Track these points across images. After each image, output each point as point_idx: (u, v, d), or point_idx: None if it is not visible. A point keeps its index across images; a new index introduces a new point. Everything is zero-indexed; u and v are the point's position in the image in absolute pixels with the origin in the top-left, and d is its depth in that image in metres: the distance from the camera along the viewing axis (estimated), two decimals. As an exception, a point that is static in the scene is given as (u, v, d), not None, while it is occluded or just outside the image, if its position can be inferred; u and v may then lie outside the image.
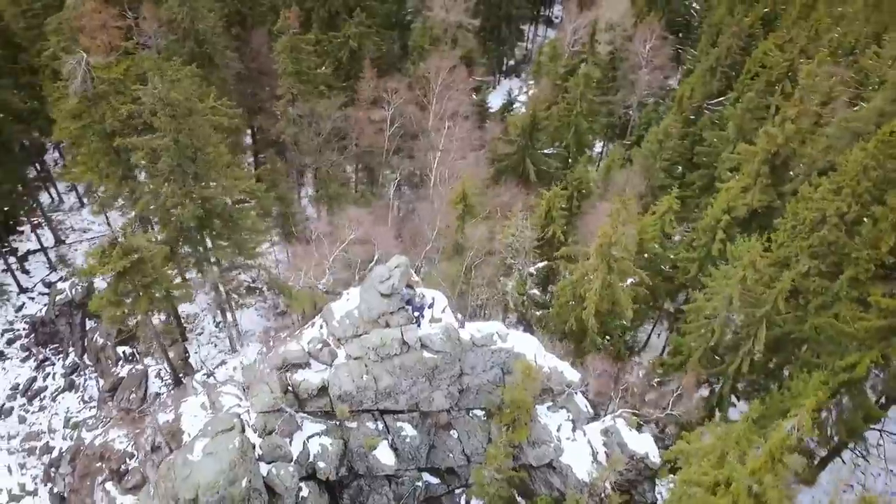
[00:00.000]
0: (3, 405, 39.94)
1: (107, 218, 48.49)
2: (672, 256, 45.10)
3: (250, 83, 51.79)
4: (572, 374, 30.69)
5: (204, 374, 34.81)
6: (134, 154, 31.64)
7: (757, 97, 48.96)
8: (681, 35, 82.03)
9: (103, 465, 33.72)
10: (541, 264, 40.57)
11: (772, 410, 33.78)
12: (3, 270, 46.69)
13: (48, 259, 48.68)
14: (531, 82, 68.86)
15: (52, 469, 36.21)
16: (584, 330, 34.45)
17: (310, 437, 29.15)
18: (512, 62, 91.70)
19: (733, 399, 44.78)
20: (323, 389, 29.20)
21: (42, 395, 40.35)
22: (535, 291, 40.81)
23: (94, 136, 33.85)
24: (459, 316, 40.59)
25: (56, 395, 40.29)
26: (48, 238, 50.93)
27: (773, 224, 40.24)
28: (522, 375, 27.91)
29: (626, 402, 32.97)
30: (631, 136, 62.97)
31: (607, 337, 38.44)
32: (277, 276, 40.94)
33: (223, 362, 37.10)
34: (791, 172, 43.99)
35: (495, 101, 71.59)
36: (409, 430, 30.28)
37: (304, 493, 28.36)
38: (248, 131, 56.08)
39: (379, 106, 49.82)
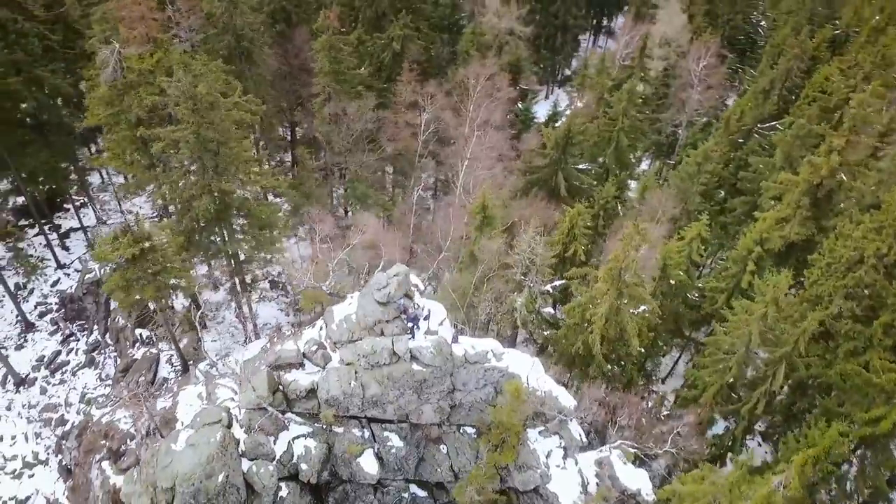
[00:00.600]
0: (27, 375, 41.82)
1: (155, 204, 49.89)
2: (700, 285, 43.32)
3: (291, 80, 52.51)
4: (567, 401, 29.66)
5: (207, 364, 35.42)
6: (155, 144, 32.25)
7: (809, 123, 46.43)
8: (747, 54, 79.05)
9: (106, 444, 34.72)
10: (558, 283, 39.53)
11: (785, 457, 31.90)
12: (44, 245, 48.84)
13: (87, 238, 50.64)
14: (575, 94, 67.30)
15: (63, 441, 37.62)
16: (592, 354, 33.30)
17: (295, 438, 29.15)
18: (567, 72, 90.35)
19: (757, 440, 43.00)
20: (312, 392, 29.18)
21: (64, 369, 42.03)
22: (550, 310, 39.82)
23: (123, 125, 34.88)
24: (461, 329, 40.20)
25: (76, 371, 41.89)
26: (90, 218, 53.03)
27: (811, 260, 38.13)
28: (511, 397, 27.16)
29: (624, 433, 31.67)
30: (677, 155, 60.92)
31: (620, 363, 37.16)
32: (293, 273, 41.28)
33: (227, 354, 37.64)
34: (840, 205, 41.66)
35: (542, 110, 70.55)
36: (395, 440, 29.91)
37: (284, 492, 28.38)
38: (288, 128, 56.85)
39: (415, 110, 49.77)
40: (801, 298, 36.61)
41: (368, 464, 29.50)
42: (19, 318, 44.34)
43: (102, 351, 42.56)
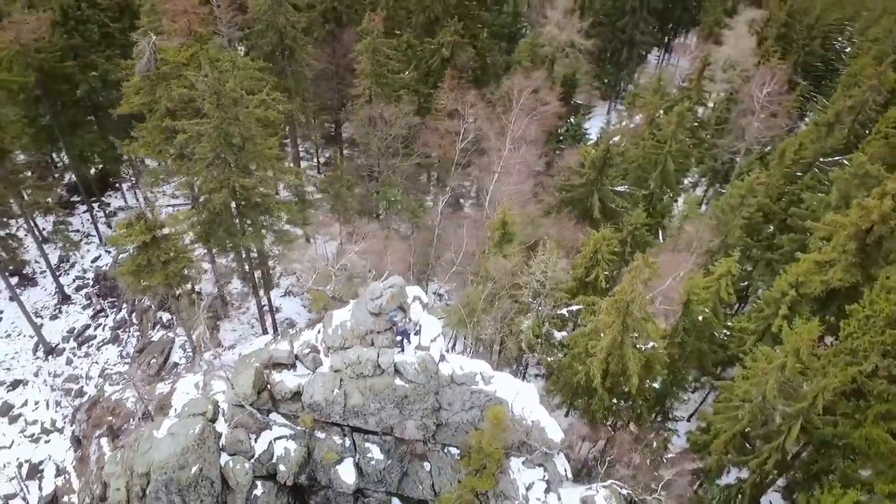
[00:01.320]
0: (57, 345, 43.91)
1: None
2: (730, 324, 41.01)
3: (338, 80, 53.04)
4: (555, 434, 28.48)
5: (212, 355, 36.11)
6: (179, 135, 33.09)
7: (870, 162, 43.18)
8: (823, 83, 74.61)
9: (112, 420, 35.94)
10: (574, 308, 38.19)
11: (794, 522, 29.75)
12: (90, 222, 51.20)
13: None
14: (625, 113, 65.19)
15: (77, 413, 39.22)
16: (593, 387, 31.97)
17: (277, 438, 29.22)
18: (632, 87, 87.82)
19: (777, 496, 40.30)
20: (297, 394, 29.17)
21: (90, 343, 43.88)
22: (564, 334, 38.53)
23: (155, 114, 35.98)
24: (465, 346, 39.44)
25: (101, 346, 43.65)
26: (139, 199, 55.21)
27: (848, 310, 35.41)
28: (492, 424, 26.28)
29: (619, 473, 30.17)
30: (730, 184, 58.00)
31: (627, 398, 35.58)
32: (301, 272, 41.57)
33: (232, 346, 38.28)
34: (892, 255, 38.54)
35: (596, 126, 68.83)
36: (376, 452, 29.55)
37: (259, 491, 28.49)
38: (333, 127, 57.48)
39: (455, 118, 49.29)
40: (833, 351, 34.08)
41: (346, 473, 29.27)
42: (57, 290, 46.60)
43: (127, 329, 44.20)
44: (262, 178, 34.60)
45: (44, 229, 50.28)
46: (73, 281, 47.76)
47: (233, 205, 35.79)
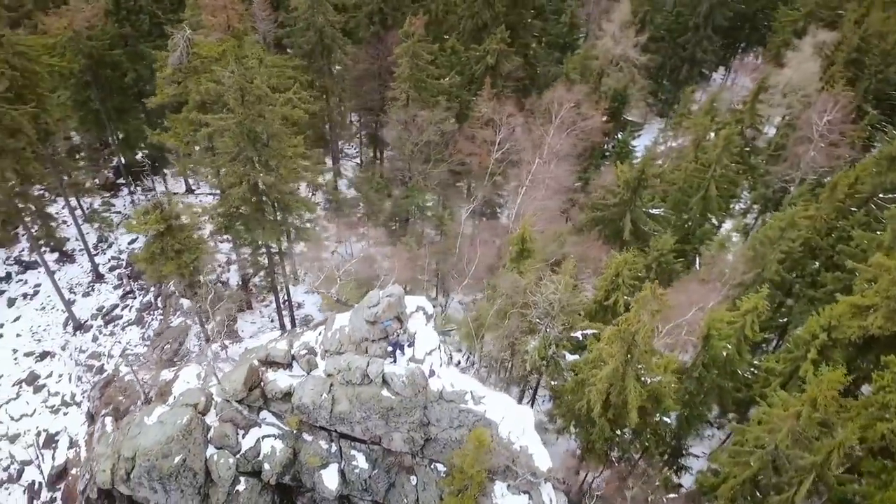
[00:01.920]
0: (86, 321, 45.52)
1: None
2: (757, 362, 38.84)
3: (380, 81, 53.10)
4: (543, 462, 27.43)
5: (219, 346, 36.58)
6: (203, 129, 33.69)
7: (929, 203, 40.20)
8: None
9: (122, 401, 36.87)
10: (589, 332, 36.88)
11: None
12: (132, 204, 53.00)
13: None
14: (671, 133, 62.79)
15: (93, 389, 40.48)
16: (591, 417, 30.74)
17: (265, 436, 29.30)
18: (677, 107, 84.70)
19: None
20: (288, 395, 29.16)
21: (116, 322, 45.28)
22: (576, 357, 37.28)
23: (187, 106, 36.78)
24: (470, 362, 38.63)
25: (126, 326, 44.97)
26: (182, 186, 56.76)
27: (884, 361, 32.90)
28: (474, 446, 25.55)
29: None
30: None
31: (637, 431, 34.11)
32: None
33: (252, 337, 38.74)
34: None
35: (645, 144, 66.71)
36: (361, 460, 29.23)
37: (241, 487, 28.58)
38: (373, 127, 57.65)
39: (491, 126, 48.59)
40: (862, 403, 31.76)
41: (330, 478, 29.07)
42: (92, 268, 48.35)
43: (151, 312, 45.42)
44: (284, 176, 34.75)
45: (88, 209, 52.29)
46: (109, 261, 49.47)
47: (252, 200, 36.17)
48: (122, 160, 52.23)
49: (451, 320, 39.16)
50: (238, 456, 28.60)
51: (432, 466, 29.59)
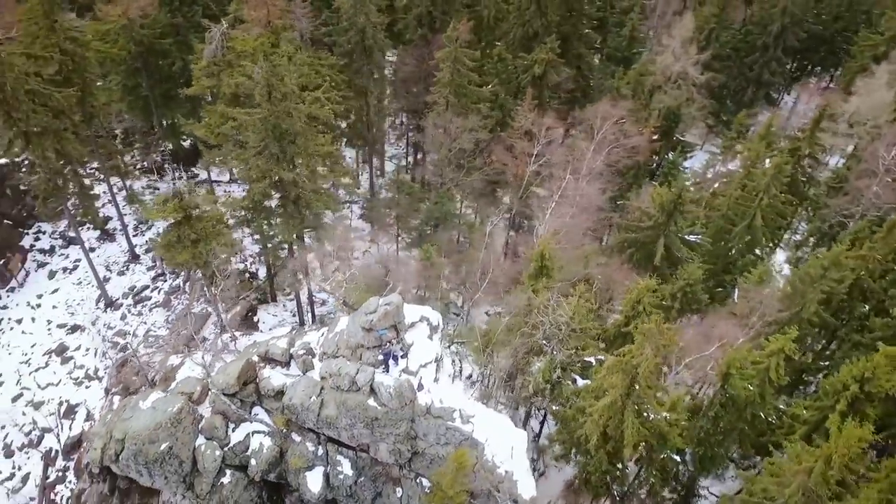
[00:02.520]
0: (117, 299, 47.07)
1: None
2: (782, 406, 36.52)
3: (424, 84, 52.82)
4: (527, 491, 26.39)
5: (229, 337, 37.02)
6: (229, 122, 34.14)
7: None
8: None
9: (134, 380, 37.83)
10: (602, 357, 35.46)
11: None
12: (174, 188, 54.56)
13: (213, 191, 55.51)
14: (719, 158, 59.88)
15: (112, 366, 41.78)
16: (586, 448, 29.48)
17: (255, 432, 29.35)
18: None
19: None
20: (281, 393, 29.12)
21: (145, 303, 46.59)
22: (588, 382, 35.91)
23: (221, 98, 37.41)
24: (475, 378, 37.68)
25: (153, 308, 46.23)
26: (226, 175, 57.98)
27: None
28: (454, 467, 24.81)
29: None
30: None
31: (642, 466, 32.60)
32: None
33: (259, 331, 39.06)
34: None
35: (698, 165, 64.13)
36: (346, 467, 28.89)
37: (226, 479, 28.68)
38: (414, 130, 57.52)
39: (531, 138, 47.57)
40: (891, 466, 29.27)
41: (314, 481, 28.85)
42: (129, 249, 49.96)
43: (179, 297, 46.52)
44: (308, 174, 34.88)
45: (131, 191, 54.10)
46: (146, 242, 51.02)
47: (274, 195, 36.47)
48: (170, 146, 53.78)
49: (464, 333, 38.39)
50: (226, 449, 28.73)
51: (418, 480, 28.98)
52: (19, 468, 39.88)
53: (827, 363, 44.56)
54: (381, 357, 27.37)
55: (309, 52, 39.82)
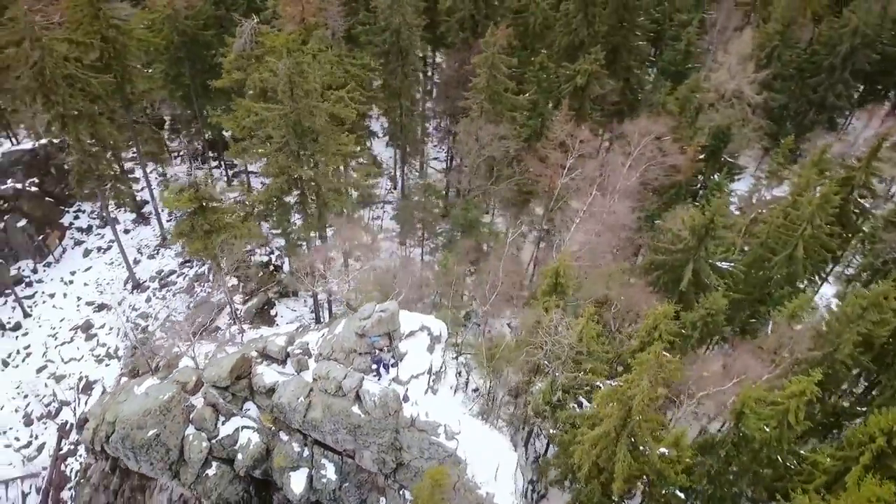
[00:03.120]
0: (144, 281, 48.21)
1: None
2: (802, 451, 34.21)
3: (461, 88, 52.16)
4: (508, 516, 25.46)
5: (237, 330, 37.17)
6: (251, 116, 34.33)
7: None
8: None
9: (147, 363, 38.45)
10: (611, 382, 34.01)
11: None
12: (212, 176, 55.65)
13: (249, 182, 56.29)
14: (764, 183, 56.87)
15: (129, 347, 42.74)
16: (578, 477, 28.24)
17: (244, 427, 29.34)
18: (775, 156, 76.80)
19: None
20: (272, 391, 28.98)
21: (169, 288, 47.54)
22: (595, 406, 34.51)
23: (251, 92, 37.72)
24: (479, 391, 36.71)
25: (177, 293, 47.12)
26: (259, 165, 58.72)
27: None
28: (431, 484, 24.05)
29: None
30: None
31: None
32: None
33: (256, 327, 39.19)
34: None
35: (743, 188, 61.29)
36: (330, 471, 28.53)
37: (211, 471, 28.76)
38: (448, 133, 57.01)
39: (565, 149, 46.30)
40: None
41: (297, 482, 28.63)
42: (161, 233, 51.13)
43: (202, 284, 47.27)
44: (329, 172, 34.81)
45: (172, 178, 55.42)
46: (174, 229, 52.23)
47: (292, 192, 36.50)
48: (209, 135, 54.82)
49: (470, 345, 37.52)
50: (214, 441, 28.80)
51: (401, 492, 28.36)
52: (36, 437, 41.26)
53: (864, 409, 41.78)
54: (373, 365, 26.89)
55: (340, 50, 39.67)
